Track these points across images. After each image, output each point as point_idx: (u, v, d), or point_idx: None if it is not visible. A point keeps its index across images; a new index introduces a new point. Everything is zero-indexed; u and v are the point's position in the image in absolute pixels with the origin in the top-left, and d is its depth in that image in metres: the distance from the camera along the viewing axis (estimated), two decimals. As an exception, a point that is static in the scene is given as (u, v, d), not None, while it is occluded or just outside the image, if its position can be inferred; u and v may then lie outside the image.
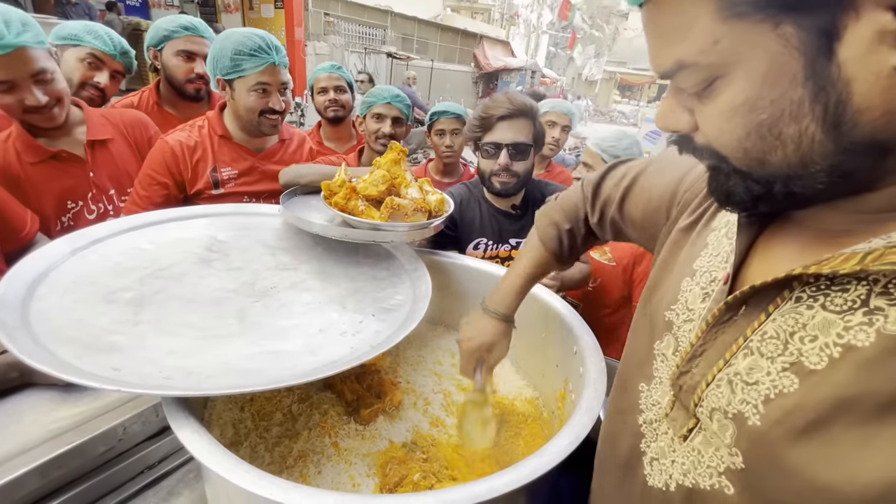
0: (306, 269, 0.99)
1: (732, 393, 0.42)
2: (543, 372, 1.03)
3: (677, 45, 0.37)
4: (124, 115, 1.47)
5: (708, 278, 0.50)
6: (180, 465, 0.87)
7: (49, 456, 0.74)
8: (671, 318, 0.53)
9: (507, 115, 1.30)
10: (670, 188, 0.63)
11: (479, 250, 1.45)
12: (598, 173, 0.80)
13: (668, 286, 0.55)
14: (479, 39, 18.14)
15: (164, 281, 0.86)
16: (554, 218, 0.86)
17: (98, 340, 0.69)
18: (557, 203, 0.88)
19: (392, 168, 1.04)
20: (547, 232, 0.86)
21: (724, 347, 0.44)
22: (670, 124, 0.43)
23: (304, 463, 0.79)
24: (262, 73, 1.29)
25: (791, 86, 0.34)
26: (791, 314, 0.39)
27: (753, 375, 0.41)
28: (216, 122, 1.40)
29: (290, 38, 9.95)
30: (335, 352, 0.74)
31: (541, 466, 0.56)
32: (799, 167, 0.36)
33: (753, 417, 0.40)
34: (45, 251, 0.85)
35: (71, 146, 1.29)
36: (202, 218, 1.11)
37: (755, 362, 0.41)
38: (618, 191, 0.73)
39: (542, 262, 0.87)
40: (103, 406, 0.84)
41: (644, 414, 0.55)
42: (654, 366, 0.55)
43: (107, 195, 1.37)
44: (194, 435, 0.57)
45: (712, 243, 0.52)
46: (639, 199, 0.69)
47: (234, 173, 1.42)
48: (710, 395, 0.44)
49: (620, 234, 0.77)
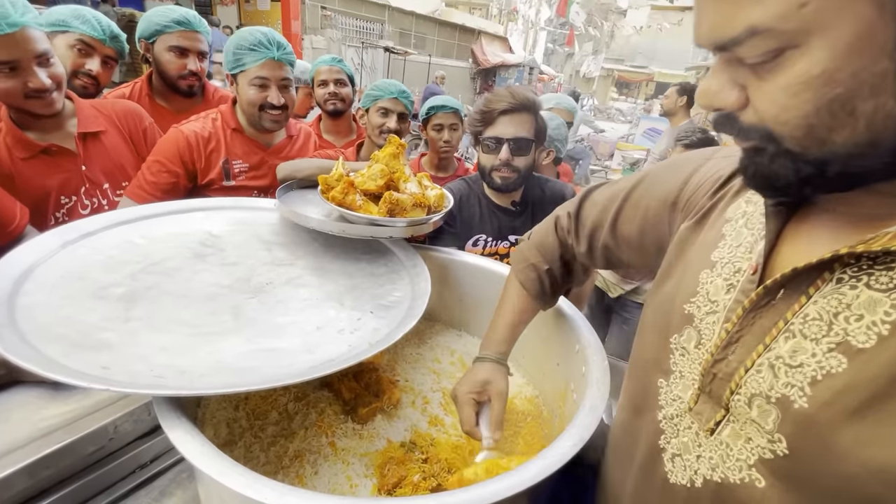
0: (303, 265, 0.97)
1: (775, 377, 0.41)
2: (544, 370, 1.02)
3: (752, 7, 0.34)
4: (116, 105, 1.44)
5: (731, 269, 0.49)
6: (173, 465, 0.85)
7: (37, 455, 0.72)
8: (691, 310, 0.52)
9: (508, 109, 1.28)
10: (671, 197, 0.62)
11: (478, 247, 1.43)
12: (574, 203, 0.78)
13: (683, 280, 0.54)
14: (477, 35, 18.05)
15: (156, 276, 0.84)
16: (531, 259, 0.84)
17: (87, 338, 0.67)
18: (532, 242, 0.86)
19: (391, 162, 1.02)
20: (526, 275, 0.85)
21: (762, 332, 0.43)
22: (716, 101, 0.40)
23: (300, 463, 0.77)
24: (260, 68, 1.31)
25: (877, 57, 0.31)
26: (833, 295, 0.39)
27: (797, 358, 0.40)
28: (229, 115, 1.42)
29: (287, 31, 9.85)
30: (332, 350, 0.72)
31: (545, 469, 0.54)
32: (867, 146, 0.34)
33: (800, 400, 0.39)
34: (32, 245, 0.83)
35: (62, 140, 1.25)
36: (197, 212, 1.09)
37: (798, 345, 0.40)
38: (607, 214, 0.71)
39: (525, 306, 0.86)
40: (94, 404, 0.82)
41: (664, 410, 0.54)
42: (671, 360, 0.54)
43: (101, 189, 1.34)
44: (186, 436, 0.55)
45: (730, 234, 0.51)
46: (633, 217, 0.68)
47: (245, 167, 1.43)
48: (749, 381, 0.43)
49: (612, 258, 0.75)
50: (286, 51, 1.35)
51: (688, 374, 0.51)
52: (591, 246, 0.76)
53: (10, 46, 1.03)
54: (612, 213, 0.70)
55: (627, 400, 0.64)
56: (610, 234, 0.72)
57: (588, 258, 0.79)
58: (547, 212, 1.45)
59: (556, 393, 0.95)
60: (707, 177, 0.59)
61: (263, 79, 1.32)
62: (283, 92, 1.36)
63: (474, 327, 1.20)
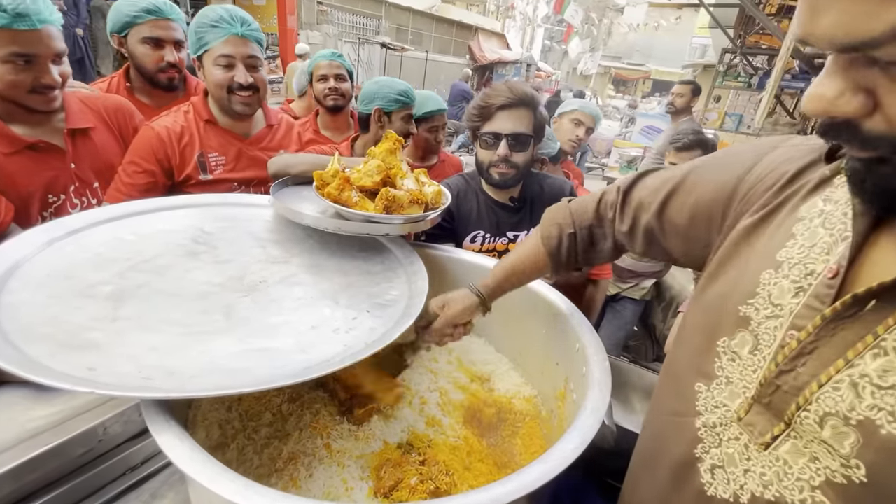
0: (297, 263, 0.95)
1: (858, 398, 0.38)
2: (542, 370, 1.01)
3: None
4: (106, 101, 1.39)
5: (802, 271, 0.45)
6: (164, 467, 0.84)
7: (24, 458, 0.70)
8: (748, 313, 0.48)
9: (507, 104, 1.26)
10: (727, 187, 0.58)
11: (476, 243, 1.41)
12: (628, 179, 0.75)
13: (740, 280, 0.51)
14: (475, 31, 17.96)
15: (146, 274, 0.82)
16: (558, 219, 0.82)
17: (73, 338, 0.65)
18: (568, 205, 0.84)
19: (387, 158, 1.00)
20: (548, 231, 0.82)
21: (844, 346, 0.40)
22: (835, 108, 0.36)
23: (294, 465, 0.75)
24: (224, 45, 1.23)
25: None
26: None
27: (888, 379, 0.37)
28: (201, 106, 1.35)
29: (283, 26, 9.76)
30: (328, 350, 0.71)
31: (546, 472, 0.53)
32: None
33: (889, 426, 0.36)
34: (17, 242, 0.80)
35: (49, 135, 1.21)
36: (189, 208, 1.06)
37: (891, 363, 0.37)
38: (657, 196, 0.67)
39: (535, 260, 0.83)
40: (83, 405, 0.80)
41: (703, 417, 0.51)
42: (716, 364, 0.50)
43: (91, 188, 1.29)
44: (175, 440, 0.54)
45: (802, 234, 0.47)
46: (684, 203, 0.64)
47: (222, 159, 1.37)
48: (822, 399, 0.40)
49: (654, 243, 0.71)
50: (251, 27, 1.28)
51: (737, 380, 0.48)
52: (634, 226, 0.72)
53: (33, 41, 1.04)
54: (662, 196, 0.67)
55: (660, 403, 0.61)
56: (656, 218, 0.68)
57: (628, 238, 0.75)
58: (546, 208, 1.45)
59: (555, 393, 0.93)
60: (771, 168, 0.54)
61: (228, 56, 1.24)
62: (251, 72, 1.28)
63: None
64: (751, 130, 5.66)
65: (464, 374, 1.05)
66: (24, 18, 1.01)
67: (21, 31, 1.01)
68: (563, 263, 0.83)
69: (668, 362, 0.62)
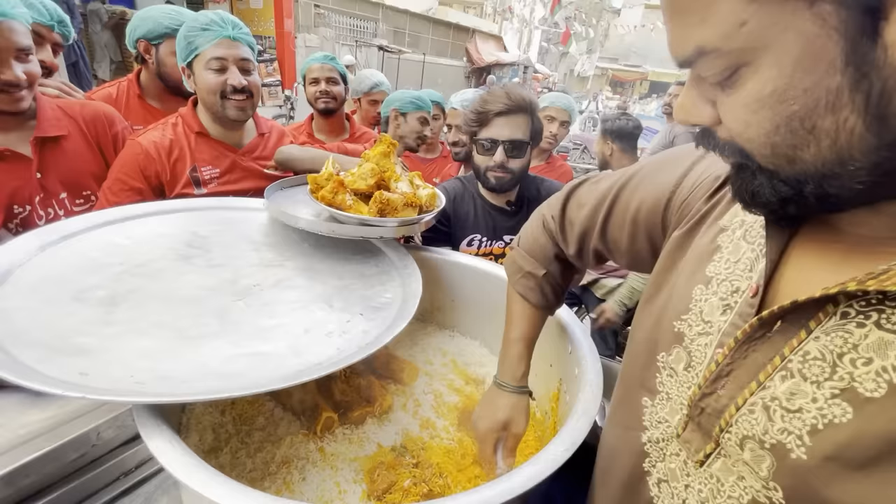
0: (292, 266, 0.95)
1: (770, 420, 0.38)
2: (536, 371, 1.00)
3: (697, 28, 0.34)
4: (85, 108, 1.33)
5: (728, 288, 0.45)
6: (158, 471, 0.83)
7: (17, 463, 0.70)
8: (682, 329, 0.48)
9: (504, 111, 1.26)
10: (662, 199, 0.58)
11: (472, 246, 1.42)
12: (558, 204, 0.75)
13: (675, 293, 0.51)
14: (472, 34, 18.03)
15: (140, 278, 0.82)
16: (525, 267, 0.81)
17: (65, 342, 0.65)
18: (522, 249, 0.82)
19: (381, 161, 1.00)
20: (524, 285, 0.81)
21: (756, 368, 0.40)
22: (691, 118, 0.39)
23: (287, 469, 0.76)
24: (216, 47, 1.20)
25: (828, 73, 0.30)
26: (838, 332, 0.35)
27: (796, 402, 0.37)
28: (191, 118, 1.31)
29: (280, 29, 9.78)
30: (320, 353, 0.71)
31: (536, 475, 0.53)
32: (835, 165, 0.32)
33: (798, 450, 0.36)
34: (10, 247, 0.80)
35: (17, 143, 1.15)
36: (183, 212, 1.06)
37: (797, 386, 0.37)
38: (597, 217, 0.67)
39: (532, 319, 0.81)
40: (76, 409, 0.80)
41: (649, 432, 0.51)
42: (657, 379, 0.51)
43: (57, 199, 1.23)
44: (167, 444, 0.54)
45: (726, 247, 0.48)
46: (623, 220, 0.64)
47: (216, 172, 1.32)
48: (740, 421, 0.40)
49: (603, 259, 0.72)
50: (242, 30, 1.25)
51: (675, 396, 0.48)
52: (582, 249, 0.73)
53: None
54: (601, 217, 0.67)
55: (615, 414, 0.61)
56: (600, 240, 0.68)
57: (579, 260, 0.76)
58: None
59: (549, 394, 0.94)
60: (704, 177, 0.54)
61: (220, 59, 1.20)
62: (244, 74, 1.25)
63: (467, 328, 1.19)
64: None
65: (458, 376, 1.05)
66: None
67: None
68: (554, 305, 0.83)
69: (621, 374, 0.62)
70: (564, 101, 2.27)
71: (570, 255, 0.76)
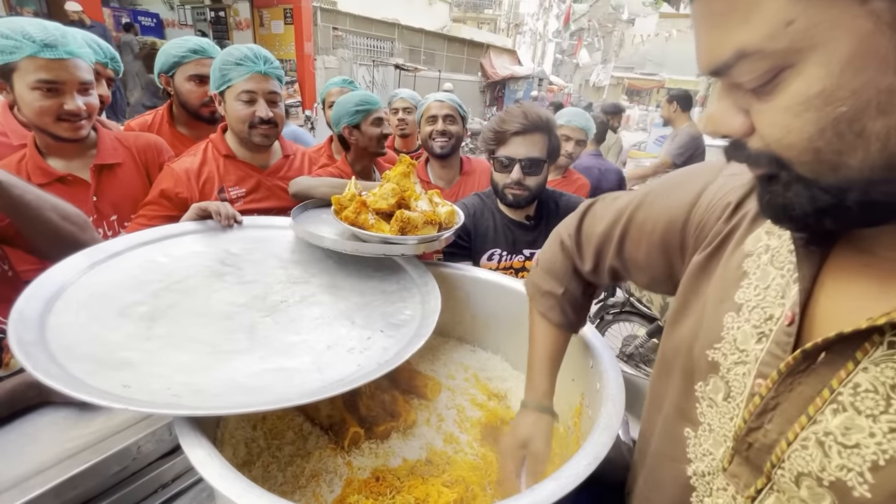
0: (317, 283, 0.98)
1: (826, 457, 0.37)
2: (559, 386, 1.00)
3: (738, 30, 0.32)
4: (139, 139, 1.47)
5: (761, 315, 0.44)
6: (193, 485, 0.87)
7: (64, 476, 0.73)
8: (716, 358, 0.47)
9: (521, 130, 1.29)
10: (680, 218, 0.57)
11: (493, 261, 1.43)
12: (574, 223, 0.75)
13: (704, 321, 0.50)
14: (486, 49, 18.27)
15: (177, 294, 0.86)
16: (544, 287, 0.80)
17: (110, 356, 0.69)
18: (541, 269, 0.82)
19: (402, 181, 1.04)
20: (545, 305, 0.81)
21: (804, 401, 0.39)
22: (722, 128, 0.38)
23: (316, 483, 0.78)
24: (247, 81, 1.31)
25: (879, 72, 0.29)
26: (888, 364, 0.34)
27: (852, 437, 0.36)
28: (220, 142, 1.42)
29: (300, 52, 10.14)
30: (342, 369, 0.73)
31: (559, 489, 0.54)
32: (884, 170, 0.31)
33: (860, 487, 0.35)
34: (63, 266, 0.86)
35: (79, 170, 1.30)
36: (217, 231, 1.12)
37: (851, 421, 0.36)
38: (612, 236, 0.67)
39: (554, 338, 0.81)
40: (118, 424, 0.84)
41: (694, 465, 0.50)
42: (698, 410, 0.50)
43: (108, 221, 1.35)
44: (206, 457, 0.57)
45: (753, 272, 0.46)
46: (639, 240, 0.63)
47: (242, 192, 1.43)
48: (793, 458, 0.39)
49: (620, 278, 0.71)
50: (273, 65, 1.35)
51: (717, 428, 0.47)
52: (598, 267, 0.72)
53: (58, 69, 1.13)
54: (616, 236, 0.66)
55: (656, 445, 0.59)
56: (616, 258, 0.68)
57: (595, 277, 0.75)
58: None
59: (571, 409, 0.93)
60: (719, 197, 0.53)
61: (251, 92, 1.31)
62: (271, 106, 1.35)
63: (488, 343, 1.20)
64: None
65: (480, 391, 1.06)
66: (52, 48, 1.10)
67: (48, 60, 1.10)
68: (576, 323, 0.82)
69: (652, 394, 0.60)
70: (580, 120, 2.28)
71: (586, 271, 0.75)
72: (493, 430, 0.96)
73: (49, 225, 0.96)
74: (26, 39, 1.08)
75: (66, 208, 1.01)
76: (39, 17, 4.96)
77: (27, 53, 1.09)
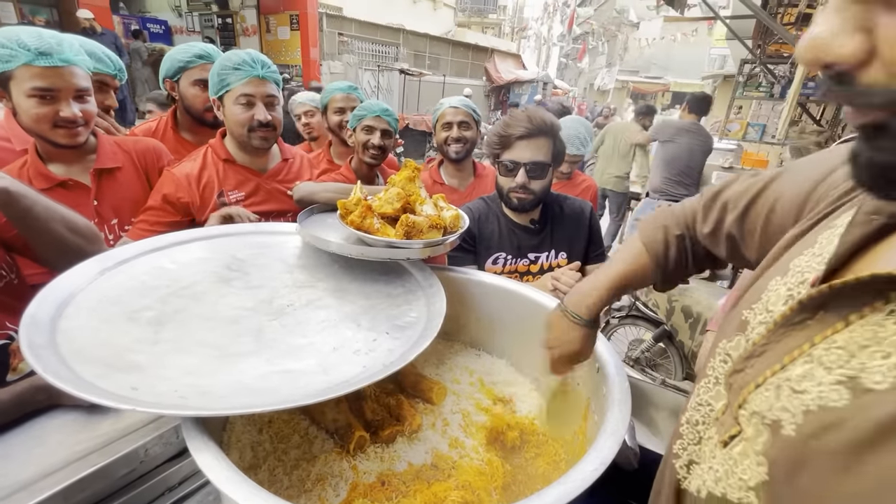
0: (323, 287, 0.99)
1: (777, 399, 0.38)
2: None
3: None
4: (138, 143, 1.49)
5: (798, 279, 0.43)
6: (200, 487, 0.87)
7: (73, 479, 0.74)
8: (748, 317, 0.47)
9: (525, 134, 1.30)
10: (802, 193, 0.54)
11: (497, 265, 1.43)
12: (721, 183, 0.71)
13: (757, 284, 0.49)
14: (491, 53, 18.33)
15: (184, 300, 0.87)
16: (663, 222, 0.77)
17: (119, 359, 0.70)
18: (672, 209, 0.79)
19: (407, 186, 1.04)
20: (652, 235, 0.76)
21: (785, 351, 0.39)
22: (829, 51, 0.31)
23: (322, 486, 0.78)
24: (245, 85, 1.32)
25: None
26: (873, 326, 0.33)
27: (803, 384, 0.36)
28: (219, 147, 1.44)
29: (306, 58, 10.24)
30: (348, 371, 0.73)
31: (565, 494, 0.53)
32: None
33: (789, 427, 0.36)
34: (74, 272, 0.87)
35: (79, 174, 1.31)
36: (223, 237, 1.13)
37: (811, 371, 0.36)
38: (741, 200, 0.63)
39: (640, 265, 0.76)
40: (125, 427, 0.84)
41: (687, 413, 0.50)
42: (710, 364, 0.50)
43: (108, 224, 1.37)
44: (213, 460, 0.57)
45: (822, 242, 0.44)
46: (762, 210, 0.60)
47: (241, 195, 1.44)
48: (755, 398, 0.40)
49: (736, 251, 0.67)
50: (270, 69, 1.37)
51: (722, 380, 0.47)
52: (717, 229, 0.68)
53: (54, 77, 1.14)
54: (745, 201, 0.63)
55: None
56: (737, 224, 0.64)
57: (711, 241, 0.71)
58: (566, 229, 1.47)
59: (578, 414, 0.93)
60: (842, 180, 0.50)
61: (249, 96, 1.33)
62: (269, 110, 1.37)
63: (493, 347, 1.20)
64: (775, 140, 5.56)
65: (485, 395, 1.06)
66: (47, 56, 1.12)
67: (43, 68, 1.12)
68: (670, 272, 0.77)
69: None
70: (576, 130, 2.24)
71: (704, 232, 0.71)
72: (498, 435, 0.95)
73: (56, 236, 0.97)
74: (21, 48, 1.10)
75: (76, 220, 1.02)
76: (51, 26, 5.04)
77: (22, 62, 1.10)
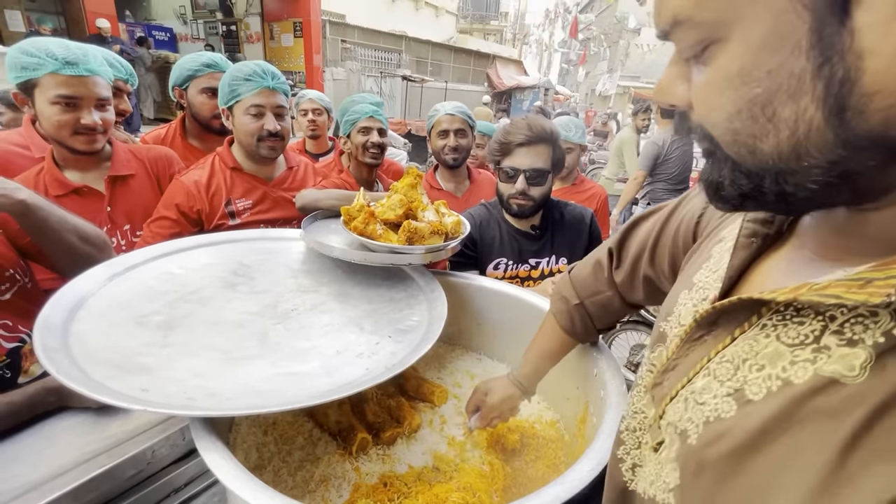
0: (326, 291, 1.01)
1: (685, 410, 0.42)
2: (564, 394, 1.02)
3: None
4: (151, 151, 1.53)
5: (701, 295, 0.47)
6: (206, 489, 0.88)
7: (82, 479, 0.75)
8: (665, 329, 0.51)
9: (525, 141, 1.32)
10: (696, 215, 0.58)
11: (499, 270, 1.45)
12: (623, 230, 0.75)
13: (669, 298, 0.54)
14: (492, 59, 18.45)
15: (192, 304, 0.89)
16: (563, 293, 0.85)
17: (129, 362, 0.72)
18: (570, 276, 0.86)
19: (409, 192, 1.06)
20: (557, 307, 0.85)
21: (690, 365, 0.44)
22: (667, 95, 0.37)
23: (325, 487, 0.79)
24: (255, 96, 1.35)
25: (793, 54, 0.28)
26: (750, 341, 0.38)
27: (703, 396, 0.40)
28: (226, 155, 1.46)
29: (309, 65, 10.32)
30: (350, 373, 0.75)
31: (562, 493, 0.55)
32: (792, 159, 0.30)
33: (693, 436, 0.39)
34: (86, 277, 0.90)
35: (94, 181, 1.34)
36: (229, 243, 1.15)
37: (708, 384, 0.40)
38: (648, 241, 0.66)
39: (555, 337, 0.86)
40: (133, 429, 0.86)
41: (625, 421, 0.54)
42: (638, 374, 0.54)
43: (121, 230, 1.40)
44: (221, 460, 0.59)
45: (715, 256, 0.49)
46: (666, 243, 0.63)
47: (249, 203, 1.46)
48: (670, 410, 0.44)
49: (655, 291, 0.70)
50: (280, 80, 1.40)
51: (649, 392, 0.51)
52: (633, 277, 0.72)
53: (77, 85, 1.19)
54: (651, 240, 0.66)
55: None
56: (649, 264, 0.67)
57: (629, 290, 0.75)
58: (567, 234, 1.49)
59: (576, 417, 0.94)
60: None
61: (259, 106, 1.36)
62: (278, 120, 1.40)
63: (494, 351, 1.21)
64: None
65: (486, 398, 1.07)
66: (73, 66, 1.16)
67: (69, 77, 1.16)
68: (582, 335, 0.85)
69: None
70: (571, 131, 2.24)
71: (620, 283, 0.75)
72: (498, 438, 0.97)
73: (68, 245, 1.00)
74: (49, 57, 1.14)
75: (87, 230, 1.05)
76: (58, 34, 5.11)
77: (49, 70, 1.14)
